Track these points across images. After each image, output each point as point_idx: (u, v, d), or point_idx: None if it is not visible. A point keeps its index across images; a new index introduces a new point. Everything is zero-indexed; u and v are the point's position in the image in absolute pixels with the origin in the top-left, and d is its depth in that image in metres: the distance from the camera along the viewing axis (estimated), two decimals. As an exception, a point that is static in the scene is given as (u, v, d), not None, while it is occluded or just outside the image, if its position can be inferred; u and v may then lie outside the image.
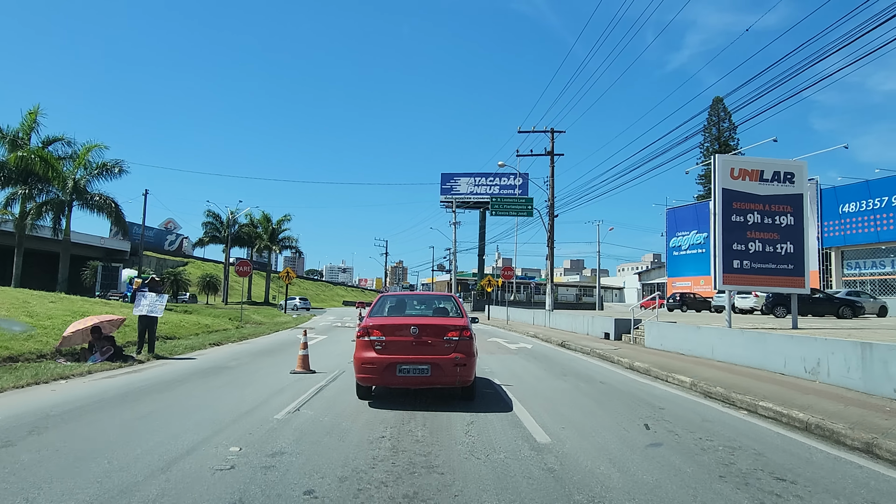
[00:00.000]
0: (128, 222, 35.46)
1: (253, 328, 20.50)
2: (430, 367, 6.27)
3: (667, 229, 46.27)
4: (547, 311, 25.59)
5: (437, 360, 6.29)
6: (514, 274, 27.60)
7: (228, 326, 21.25)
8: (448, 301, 8.28)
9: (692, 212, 43.75)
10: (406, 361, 6.28)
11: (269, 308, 44.72)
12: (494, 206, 25.75)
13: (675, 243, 45.50)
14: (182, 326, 17.84)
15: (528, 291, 68.04)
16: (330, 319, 30.36)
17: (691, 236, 43.60)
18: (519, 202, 26.03)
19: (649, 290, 79.40)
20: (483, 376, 9.14)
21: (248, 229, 62.28)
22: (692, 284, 43.49)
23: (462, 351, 6.41)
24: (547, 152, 26.59)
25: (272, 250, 63.77)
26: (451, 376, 6.30)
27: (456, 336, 6.45)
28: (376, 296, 11.34)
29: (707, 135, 64.70)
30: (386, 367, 6.27)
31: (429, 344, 6.39)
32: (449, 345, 6.41)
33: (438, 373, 6.27)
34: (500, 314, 35.98)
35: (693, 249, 43.33)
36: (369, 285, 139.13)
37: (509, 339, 18.47)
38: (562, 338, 17.83)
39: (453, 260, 52.35)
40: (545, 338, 18.66)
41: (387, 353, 6.33)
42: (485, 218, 73.40)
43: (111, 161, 34.15)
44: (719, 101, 59.15)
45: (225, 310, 32.75)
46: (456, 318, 7.12)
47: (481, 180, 73.28)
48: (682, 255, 44.88)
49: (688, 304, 37.79)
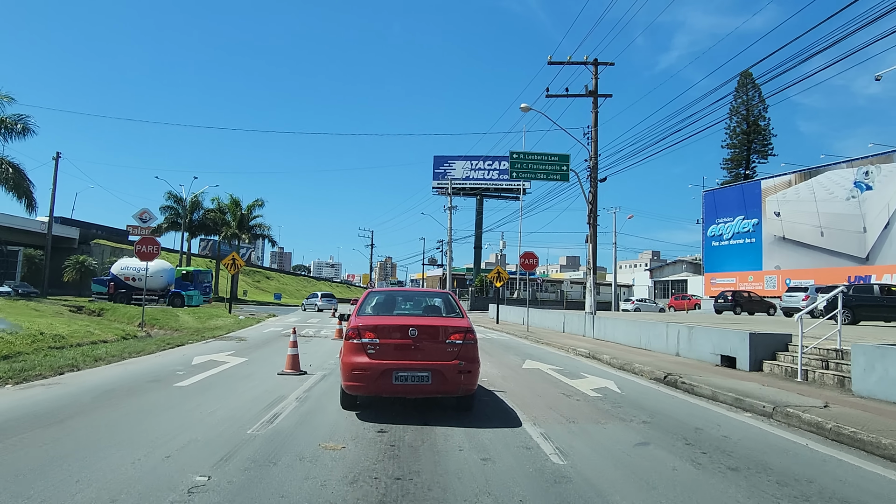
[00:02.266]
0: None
1: (138, 343, 12.81)
2: (430, 373, 5.63)
3: (704, 215, 39.11)
4: (587, 315, 18.16)
5: (438, 367, 5.66)
6: (537, 262, 20.11)
7: (109, 337, 13.58)
8: (443, 298, 7.47)
9: (737, 194, 36.59)
10: (404, 367, 5.63)
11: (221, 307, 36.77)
12: (515, 166, 18.22)
13: (714, 231, 38.33)
14: (20, 339, 10.45)
15: (533, 288, 60.66)
16: (290, 322, 22.70)
17: (736, 223, 36.48)
18: (550, 161, 18.50)
19: (661, 288, 72.22)
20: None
21: (214, 215, 54.48)
22: (737, 281, 36.37)
23: (466, 356, 5.78)
24: (588, 91, 19.11)
25: (241, 239, 55.83)
26: (453, 384, 5.70)
27: (459, 339, 5.83)
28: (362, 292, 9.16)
29: (735, 115, 57.94)
30: (381, 373, 5.60)
31: (429, 348, 5.75)
32: (452, 349, 5.78)
33: (440, 380, 5.64)
34: (512, 316, 28.40)
35: (738, 239, 36.26)
36: (357, 281, 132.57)
37: (558, 365, 11.03)
38: (648, 364, 10.43)
39: (448, 251, 44.86)
40: (618, 363, 11.21)
41: (381, 358, 5.66)
42: (482, 206, 66.16)
43: (11, 116, 26.53)
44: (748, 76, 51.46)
45: (154, 309, 24.96)
46: (457, 319, 6.34)
47: (478, 164, 65.66)
48: (723, 245, 37.72)
49: (742, 304, 30.59)
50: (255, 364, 9.81)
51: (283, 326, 19.57)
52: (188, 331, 17.08)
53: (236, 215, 54.68)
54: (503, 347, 14.88)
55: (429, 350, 5.74)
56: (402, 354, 5.71)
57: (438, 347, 5.79)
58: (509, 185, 64.09)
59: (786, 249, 33.63)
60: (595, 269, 18.75)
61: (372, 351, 5.67)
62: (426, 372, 5.63)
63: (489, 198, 65.28)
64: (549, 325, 22.46)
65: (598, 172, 18.77)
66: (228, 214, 55.15)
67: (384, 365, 5.61)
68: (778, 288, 33.58)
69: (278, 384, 7.77)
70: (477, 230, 60.01)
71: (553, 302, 51.68)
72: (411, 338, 5.72)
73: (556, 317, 22.40)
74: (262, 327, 19.13)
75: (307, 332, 17.43)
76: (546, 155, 18.58)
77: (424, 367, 5.65)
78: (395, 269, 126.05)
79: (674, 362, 10.99)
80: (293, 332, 9.70)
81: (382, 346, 5.69)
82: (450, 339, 5.85)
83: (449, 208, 44.85)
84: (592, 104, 18.98)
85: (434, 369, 5.65)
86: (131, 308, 25.18)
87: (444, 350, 5.78)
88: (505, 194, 64.62)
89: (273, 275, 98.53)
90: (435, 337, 5.86)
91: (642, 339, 14.22)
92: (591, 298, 18.69)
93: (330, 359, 10.80)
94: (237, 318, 22.14)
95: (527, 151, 18.32)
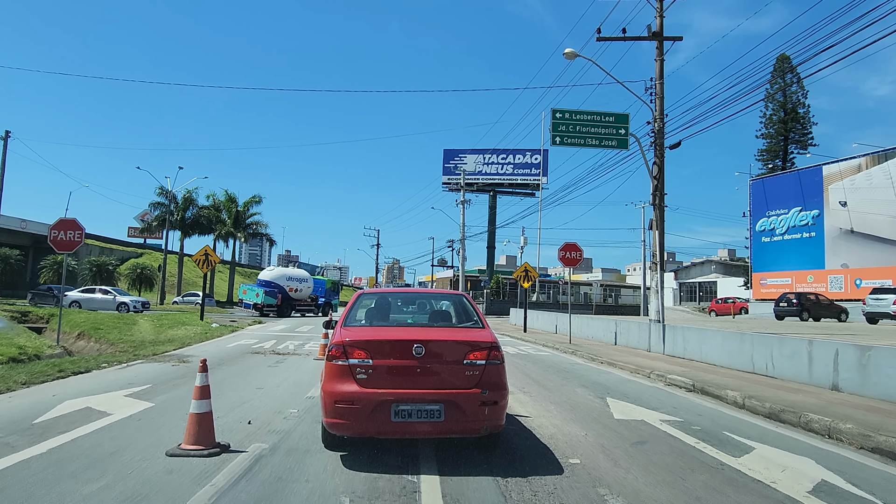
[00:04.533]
0: None
1: (11, 371, 8.60)
2: (443, 406, 4.11)
3: (751, 207, 34.54)
4: (653, 324, 13.87)
5: (453, 397, 4.13)
6: (581, 256, 15.84)
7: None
8: (455, 301, 5.72)
9: (793, 182, 31.99)
10: (406, 398, 4.08)
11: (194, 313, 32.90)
12: (559, 128, 14.00)
13: (763, 226, 33.73)
14: None
15: (553, 291, 56.31)
16: (274, 331, 18.57)
17: (791, 215, 31.90)
18: (604, 122, 14.20)
19: (687, 291, 67.30)
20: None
21: (208, 212, 50.73)
22: (793, 281, 31.75)
23: (491, 382, 4.24)
24: (651, 33, 14.83)
25: (237, 237, 51.87)
26: (475, 421, 4.14)
27: (482, 359, 4.28)
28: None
29: (771, 101, 53.27)
30: (375, 407, 4.04)
31: (441, 371, 4.26)
32: (471, 372, 4.24)
33: (457, 416, 4.10)
34: (540, 322, 24.00)
35: (794, 233, 31.68)
36: (364, 284, 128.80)
37: (667, 412, 6.79)
38: (827, 412, 6.09)
39: (461, 249, 40.52)
40: (765, 407, 6.90)
41: (376, 386, 4.12)
42: (495, 202, 61.77)
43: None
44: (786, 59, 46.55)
45: (108, 315, 20.86)
46: (478, 331, 4.76)
47: (491, 157, 61.21)
48: (775, 241, 33.09)
49: (808, 309, 26.07)
50: (152, 420, 5.60)
51: (260, 338, 15.36)
52: (128, 345, 13.00)
53: (231, 212, 50.84)
54: (555, 370, 10.58)
55: (440, 374, 4.28)
56: (403, 381, 4.19)
57: (453, 370, 4.29)
58: (524, 181, 59.87)
59: (855, 245, 29.01)
60: (663, 264, 14.38)
61: (363, 376, 4.19)
62: (437, 405, 4.13)
63: (503, 194, 61.03)
64: (593, 334, 18.11)
65: (664, 137, 14.45)
66: (224, 213, 51.44)
67: (379, 395, 4.10)
68: (846, 289, 29.01)
69: (140, 494, 3.55)
70: (490, 226, 55.76)
71: (578, 306, 47.21)
72: (416, 357, 4.21)
73: (601, 324, 18.04)
74: (230, 339, 14.93)
75: (286, 348, 13.22)
76: (598, 114, 14.25)
77: (435, 397, 4.15)
78: (402, 271, 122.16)
79: (859, 406, 6.65)
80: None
81: (377, 370, 4.20)
82: (468, 358, 4.31)
83: (462, 202, 40.58)
84: (657, 50, 14.70)
85: (448, 401, 4.15)
86: (83, 315, 20.99)
87: (462, 374, 4.27)
88: (520, 190, 60.34)
89: (217, 265, 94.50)
90: (448, 356, 4.34)
91: (757, 361, 9.84)
92: (657, 302, 14.32)
93: (296, 400, 6.66)
94: (207, 326, 17.96)
95: (573, 109, 14.01)
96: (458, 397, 4.17)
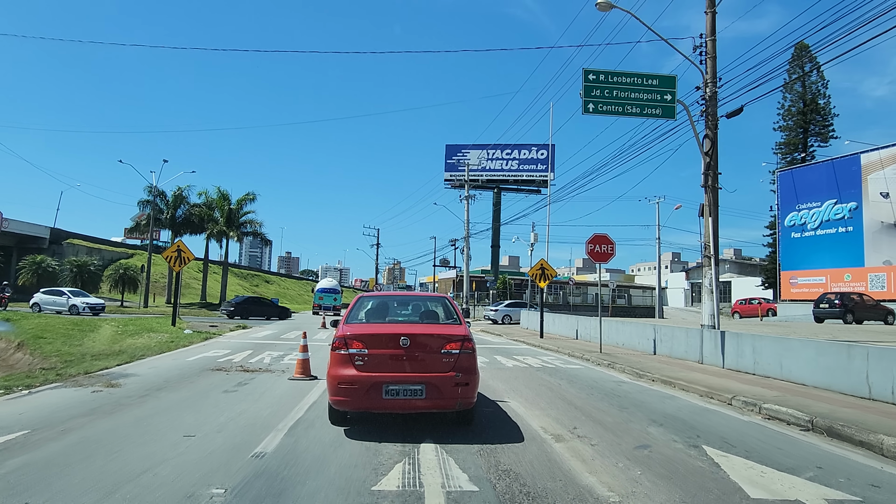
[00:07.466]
0: None
1: None
2: (424, 387, 5.14)
3: (779, 200, 32.00)
4: (707, 331, 11.46)
5: (433, 379, 5.17)
6: (613, 250, 13.39)
7: None
8: (439, 303, 6.84)
9: (827, 172, 29.41)
10: (395, 380, 5.13)
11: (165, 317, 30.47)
12: (592, 93, 11.60)
13: (793, 220, 31.17)
14: None
15: (563, 292, 53.76)
16: (256, 338, 16.15)
17: (825, 209, 29.36)
18: (646, 85, 11.74)
19: (699, 291, 64.92)
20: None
21: (200, 210, 48.24)
22: (827, 280, 29.19)
23: (463, 367, 5.26)
24: (702, -19, 12.32)
25: (230, 236, 49.34)
26: (450, 398, 5.19)
27: (456, 349, 5.30)
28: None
29: (789, 92, 50.72)
30: (369, 387, 5.10)
31: (423, 358, 5.25)
32: (447, 359, 5.27)
33: (435, 394, 5.15)
34: (557, 327, 21.39)
35: (829, 228, 29.14)
36: (364, 286, 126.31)
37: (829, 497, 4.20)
38: None
39: (466, 248, 37.99)
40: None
41: (370, 370, 5.15)
42: (500, 199, 59.17)
43: None
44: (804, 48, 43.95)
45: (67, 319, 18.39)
46: (453, 326, 5.76)
47: (495, 153, 58.68)
48: (807, 236, 30.52)
49: (853, 311, 23.54)
50: None
51: (233, 348, 12.89)
52: (63, 358, 10.49)
53: (224, 210, 48.38)
54: (601, 394, 8.08)
55: (422, 361, 5.27)
56: (392, 366, 5.23)
57: (433, 358, 5.30)
58: (530, 177, 57.51)
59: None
60: (717, 257, 11.86)
61: (360, 362, 5.21)
62: (419, 385, 5.17)
63: (507, 191, 58.59)
64: (624, 340, 15.64)
65: (717, 105, 11.97)
66: (217, 211, 49.02)
67: (373, 378, 5.16)
68: (889, 289, 26.48)
69: None
70: (494, 224, 53.32)
71: (588, 307, 44.62)
72: (403, 347, 5.25)
73: (634, 330, 15.57)
74: (197, 349, 12.45)
75: (259, 362, 10.77)
76: (639, 76, 11.72)
77: (417, 379, 5.19)
78: (403, 272, 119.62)
79: None
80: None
81: (371, 357, 5.22)
82: (445, 348, 5.34)
83: (466, 197, 38.04)
84: (707, 0, 12.22)
85: (428, 382, 5.19)
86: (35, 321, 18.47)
87: (440, 361, 5.29)
88: (525, 187, 57.91)
89: (273, 278, 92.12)
90: (429, 346, 5.35)
91: (876, 383, 7.35)
92: (711, 304, 11.82)
93: (233, 463, 4.10)
94: (178, 333, 15.46)
95: (609, 70, 11.53)
96: (436, 379, 5.16)
